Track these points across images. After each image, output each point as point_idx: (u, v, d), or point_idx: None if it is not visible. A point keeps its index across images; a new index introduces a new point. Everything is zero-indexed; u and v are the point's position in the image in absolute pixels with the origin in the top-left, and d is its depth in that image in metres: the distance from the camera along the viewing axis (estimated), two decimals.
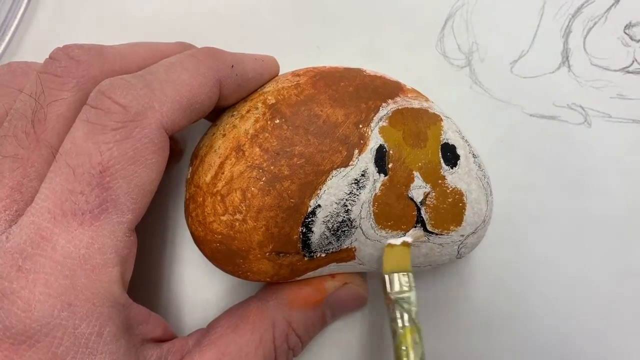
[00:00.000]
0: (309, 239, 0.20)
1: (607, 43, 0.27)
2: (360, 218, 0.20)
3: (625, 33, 0.27)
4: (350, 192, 0.20)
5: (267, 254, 0.20)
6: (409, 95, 0.22)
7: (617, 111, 0.27)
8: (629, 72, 0.27)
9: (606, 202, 0.26)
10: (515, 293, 0.25)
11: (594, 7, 0.28)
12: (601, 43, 0.27)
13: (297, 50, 0.28)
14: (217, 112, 0.22)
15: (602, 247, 0.25)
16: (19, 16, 0.29)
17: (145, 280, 0.26)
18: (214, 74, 0.20)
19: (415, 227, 0.21)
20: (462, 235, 0.21)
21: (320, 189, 0.20)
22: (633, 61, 0.27)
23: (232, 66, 0.21)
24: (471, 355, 0.25)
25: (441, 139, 0.21)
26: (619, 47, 0.27)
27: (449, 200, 0.21)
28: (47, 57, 0.20)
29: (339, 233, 0.20)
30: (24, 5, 0.29)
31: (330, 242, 0.20)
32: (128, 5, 0.29)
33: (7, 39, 0.28)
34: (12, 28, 0.29)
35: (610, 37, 0.27)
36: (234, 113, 0.21)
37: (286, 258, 0.20)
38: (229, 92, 0.21)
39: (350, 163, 0.20)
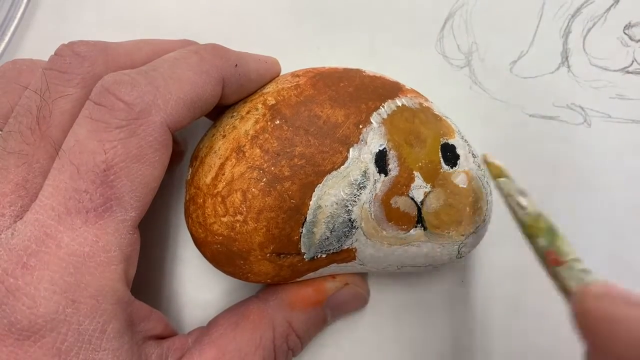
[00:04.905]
0: None
1: (607, 43, 0.27)
2: (361, 218, 0.20)
3: (625, 33, 0.27)
4: (351, 193, 0.20)
5: (268, 255, 0.20)
6: (409, 96, 0.22)
7: (617, 111, 0.27)
8: (628, 72, 0.27)
9: (606, 202, 0.26)
10: (515, 293, 0.25)
11: (593, 8, 0.28)
12: (601, 43, 0.27)
13: (297, 50, 0.28)
14: (216, 110, 0.22)
15: (602, 247, 0.25)
16: (18, 16, 0.29)
17: (145, 280, 0.26)
18: (217, 72, 0.20)
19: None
20: (463, 235, 0.21)
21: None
22: (633, 61, 0.27)
23: (236, 65, 0.21)
24: (471, 355, 0.25)
25: (441, 139, 0.21)
26: (619, 47, 0.27)
27: (449, 200, 0.21)
28: (53, 53, 0.20)
29: (339, 234, 0.20)
30: (23, 5, 0.29)
31: (330, 243, 0.20)
32: (128, 5, 0.29)
33: (6, 39, 0.28)
34: (12, 28, 0.28)
35: (609, 37, 0.27)
36: (234, 114, 0.21)
37: (287, 259, 0.20)
38: (230, 91, 0.21)
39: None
